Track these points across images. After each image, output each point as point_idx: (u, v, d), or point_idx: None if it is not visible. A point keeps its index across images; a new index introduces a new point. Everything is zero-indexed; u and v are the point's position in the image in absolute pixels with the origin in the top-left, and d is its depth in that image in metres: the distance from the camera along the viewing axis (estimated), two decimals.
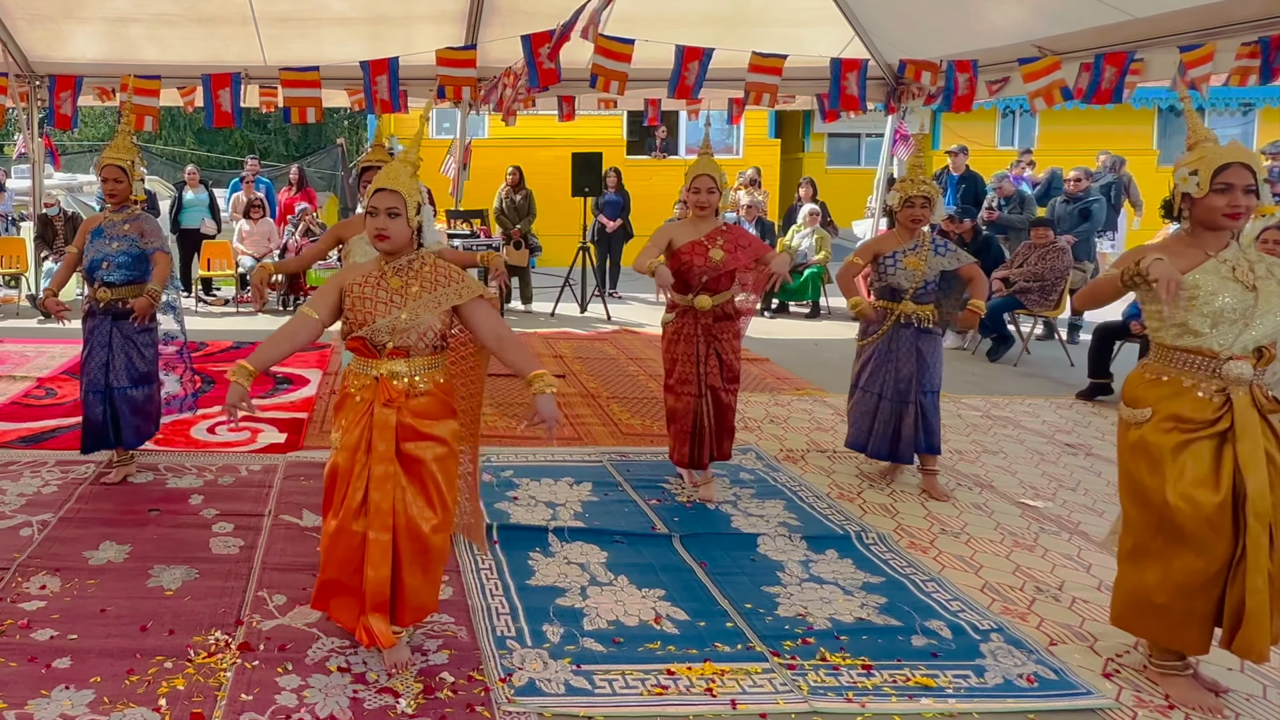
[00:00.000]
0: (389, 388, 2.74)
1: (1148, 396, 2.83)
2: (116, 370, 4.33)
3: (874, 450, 4.61)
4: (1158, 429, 2.77)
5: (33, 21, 9.16)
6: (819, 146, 17.68)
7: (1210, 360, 2.73)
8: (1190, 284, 2.71)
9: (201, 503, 4.26)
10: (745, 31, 9.12)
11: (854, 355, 4.77)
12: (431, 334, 2.76)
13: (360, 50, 9.14)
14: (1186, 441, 2.72)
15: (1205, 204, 2.73)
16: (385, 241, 2.74)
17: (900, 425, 4.50)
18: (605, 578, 3.57)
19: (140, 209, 4.43)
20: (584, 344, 8.28)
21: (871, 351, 4.60)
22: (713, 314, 4.34)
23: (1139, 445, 2.81)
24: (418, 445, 2.77)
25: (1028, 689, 2.86)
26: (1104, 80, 7.36)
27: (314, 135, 21.92)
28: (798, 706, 2.76)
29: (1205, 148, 2.77)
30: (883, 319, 4.55)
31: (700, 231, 4.32)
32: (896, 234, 4.55)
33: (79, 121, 9.99)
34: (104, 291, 4.31)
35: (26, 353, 7.46)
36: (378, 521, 2.73)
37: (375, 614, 2.76)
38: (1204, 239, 2.78)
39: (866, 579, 3.61)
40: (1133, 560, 2.86)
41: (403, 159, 2.86)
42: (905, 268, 4.44)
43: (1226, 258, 2.73)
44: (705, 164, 4.32)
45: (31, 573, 3.49)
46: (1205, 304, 2.70)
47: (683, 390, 4.39)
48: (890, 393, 4.50)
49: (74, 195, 13.37)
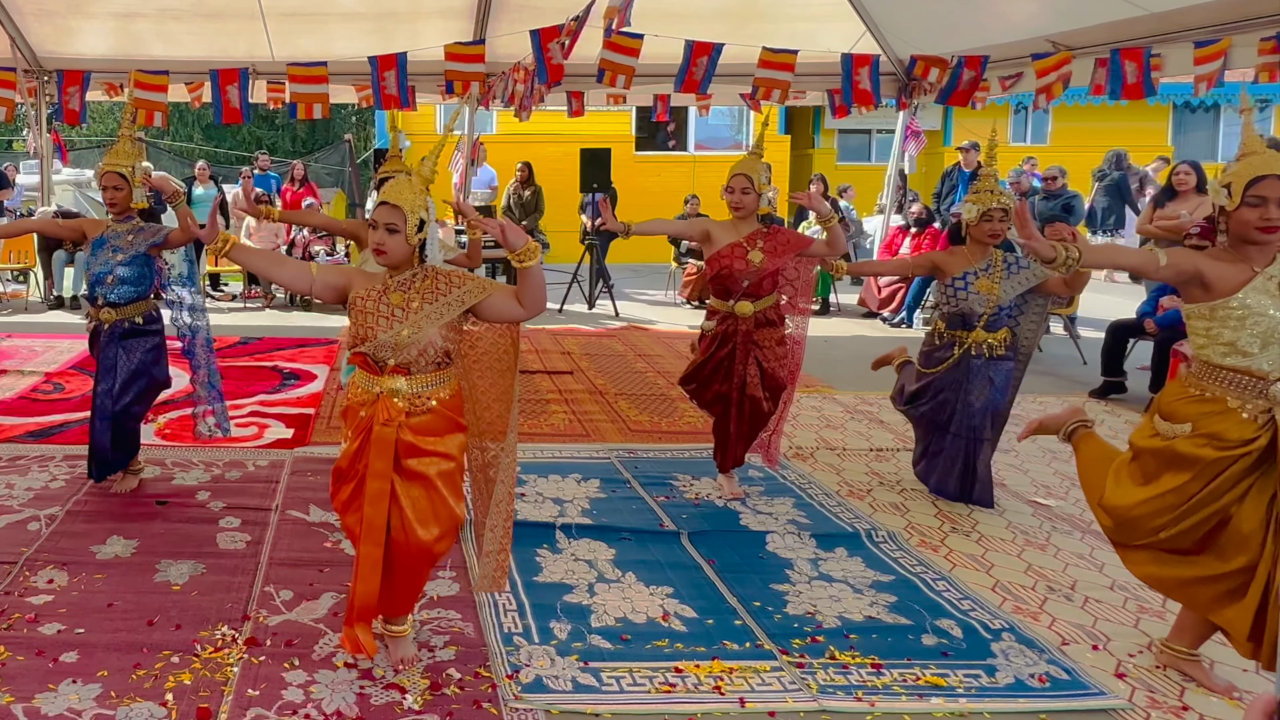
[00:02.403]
0: (389, 407, 2.69)
1: (1188, 412, 2.75)
2: (117, 395, 4.11)
3: (938, 488, 4.27)
4: (1192, 442, 2.71)
5: (41, 17, 9.18)
6: (829, 143, 17.60)
7: (1259, 381, 2.64)
8: (1240, 304, 2.63)
9: (208, 498, 4.25)
10: (755, 27, 9.07)
11: (904, 371, 4.48)
12: (433, 350, 2.72)
13: (368, 45, 9.13)
14: (1221, 460, 2.65)
15: (1237, 217, 2.65)
16: (383, 257, 2.72)
17: (975, 463, 4.13)
18: (613, 575, 3.55)
19: (141, 220, 4.17)
20: (592, 340, 8.25)
21: (939, 382, 4.19)
22: (754, 320, 4.17)
23: (1164, 451, 2.76)
24: (420, 462, 2.74)
25: (1039, 689, 2.83)
26: (1128, 75, 7.27)
27: (322, 131, 21.94)
28: (806, 705, 2.73)
29: (1249, 160, 2.67)
30: (949, 345, 4.17)
31: (740, 233, 4.14)
32: (966, 251, 4.11)
33: (87, 117, 9.98)
34: (108, 312, 4.09)
35: (35, 347, 7.48)
36: (370, 536, 2.71)
37: (361, 624, 2.76)
38: (1248, 253, 2.68)
39: (876, 577, 3.58)
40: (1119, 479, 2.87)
41: (416, 173, 2.80)
42: (978, 292, 4.03)
43: (1274, 274, 2.63)
44: (744, 163, 4.12)
45: (39, 567, 3.49)
46: (1256, 324, 2.61)
47: (711, 386, 4.24)
48: (961, 428, 4.13)
49: (81, 191, 13.40)
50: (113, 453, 4.16)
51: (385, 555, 2.74)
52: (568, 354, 7.57)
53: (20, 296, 10.09)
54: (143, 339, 4.17)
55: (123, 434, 4.18)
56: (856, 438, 5.43)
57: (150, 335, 4.21)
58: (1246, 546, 2.65)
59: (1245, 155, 2.70)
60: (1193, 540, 2.75)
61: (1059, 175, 9.44)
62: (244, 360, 7.05)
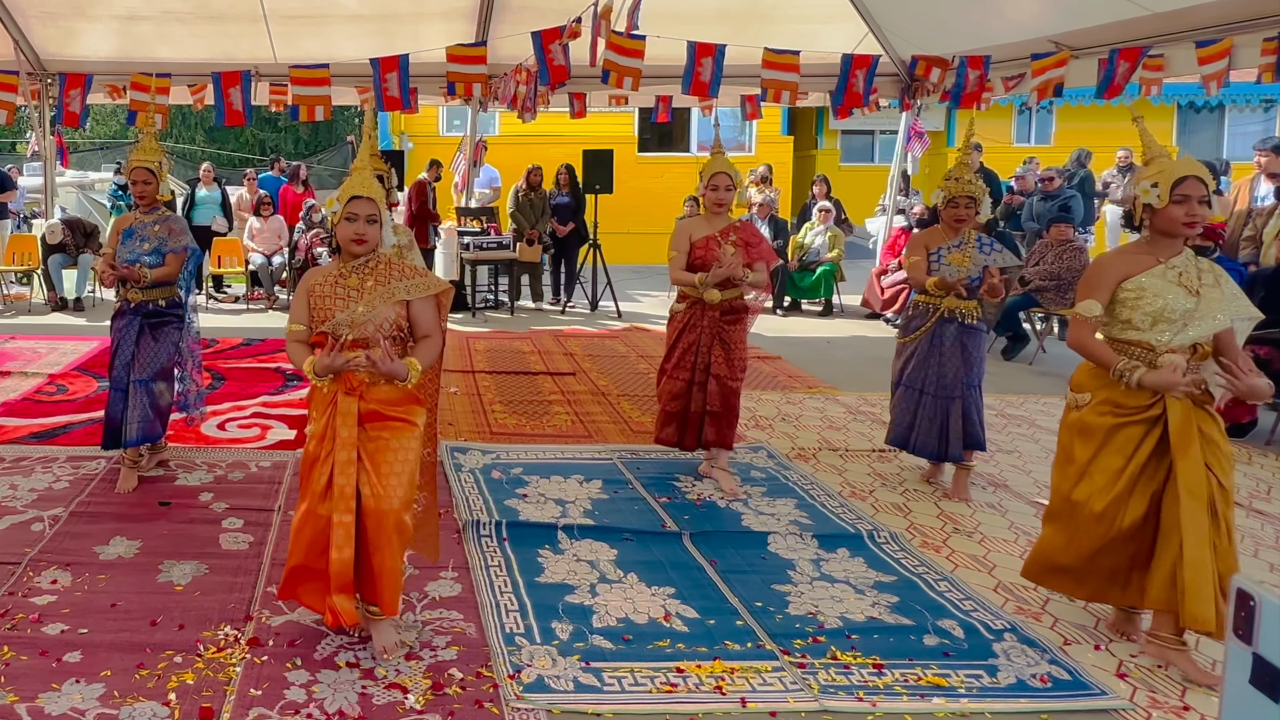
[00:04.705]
0: (351, 376, 2.86)
1: (1090, 383, 3.11)
2: (140, 364, 4.35)
3: (917, 448, 4.52)
4: (1095, 410, 3.06)
5: (44, 19, 9.21)
6: (832, 143, 17.60)
7: (1147, 353, 2.98)
8: (1135, 286, 2.98)
9: (211, 498, 4.26)
10: (758, 28, 9.08)
11: (894, 353, 4.71)
12: (388, 325, 2.87)
13: (370, 47, 9.15)
14: (1120, 425, 2.99)
15: (1165, 214, 2.96)
16: (363, 245, 2.90)
17: (947, 421, 4.39)
18: (615, 575, 3.55)
19: (166, 210, 4.51)
20: (594, 341, 8.26)
21: (914, 348, 4.53)
22: (721, 308, 4.43)
23: (1075, 424, 3.12)
24: (384, 426, 2.86)
25: (1041, 689, 2.83)
26: (1117, 75, 7.28)
27: (324, 133, 21.97)
28: (808, 705, 2.73)
29: (1161, 162, 3.00)
30: (925, 313, 4.49)
31: (714, 227, 4.44)
32: (941, 230, 4.50)
33: (88, 120, 10.01)
34: (135, 293, 4.39)
35: (38, 349, 7.50)
36: (341, 504, 2.82)
37: (340, 594, 2.83)
38: (1159, 246, 3.02)
39: (878, 578, 3.58)
40: (1049, 521, 3.20)
41: (362, 166, 3.01)
42: (950, 264, 4.38)
43: (1175, 264, 2.99)
44: (723, 162, 4.43)
45: (42, 567, 3.50)
46: (1148, 304, 2.96)
47: (677, 375, 4.50)
48: (934, 388, 4.42)
49: (84, 193, 13.43)
50: (127, 423, 4.31)
51: (359, 524, 2.84)
52: (570, 355, 7.58)
53: (24, 299, 10.11)
54: (165, 321, 4.43)
55: (138, 405, 4.31)
56: (859, 438, 5.43)
57: (172, 319, 4.47)
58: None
59: (1154, 158, 3.03)
60: (1137, 520, 2.96)
61: (1056, 176, 9.58)
62: (247, 362, 7.06)
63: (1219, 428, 2.96)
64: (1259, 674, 1.33)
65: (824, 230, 10.04)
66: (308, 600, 2.99)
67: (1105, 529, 2.98)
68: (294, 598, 3.02)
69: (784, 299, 9.99)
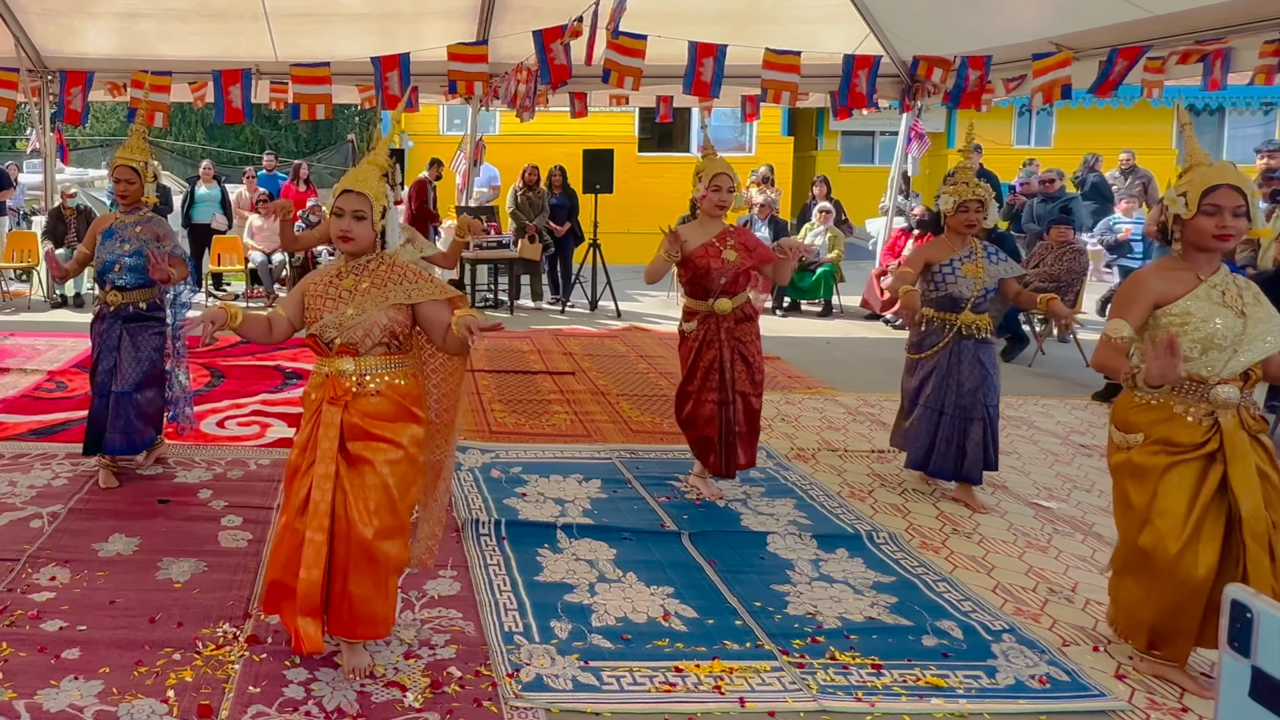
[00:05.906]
0: (336, 384, 2.71)
1: (1139, 421, 2.84)
2: (122, 374, 4.25)
3: (936, 469, 4.36)
4: (1146, 451, 2.80)
5: (45, 16, 9.19)
6: (832, 144, 17.60)
7: (1199, 385, 2.74)
8: (1181, 311, 2.73)
9: (210, 496, 4.26)
10: (759, 28, 9.07)
11: (904, 368, 4.55)
12: (379, 331, 2.70)
13: (371, 46, 9.14)
14: (1174, 464, 2.75)
15: (1194, 225, 2.73)
16: (349, 243, 2.75)
17: (965, 442, 4.24)
18: (614, 574, 3.55)
19: (151, 211, 4.36)
20: (594, 341, 8.26)
21: (932, 366, 4.33)
22: (734, 316, 4.25)
23: (1125, 466, 2.86)
24: (366, 445, 2.69)
25: (1040, 690, 2.83)
26: (1113, 73, 7.28)
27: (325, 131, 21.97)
28: (806, 705, 2.73)
29: (1196, 170, 2.75)
30: (940, 329, 4.32)
31: (710, 233, 4.24)
32: (946, 241, 4.31)
33: (89, 117, 9.99)
34: (114, 295, 4.28)
35: (37, 346, 7.50)
36: (314, 521, 2.66)
37: (306, 617, 2.66)
38: (1196, 261, 2.78)
39: (877, 578, 3.58)
40: (1123, 574, 2.92)
41: (371, 161, 2.85)
42: (965, 276, 4.21)
43: (1217, 282, 2.75)
44: (722, 163, 4.24)
45: (41, 564, 3.50)
46: (1195, 330, 2.71)
47: (705, 397, 4.25)
48: (953, 408, 4.25)
49: (84, 190, 13.42)
50: (109, 432, 4.24)
51: (330, 547, 2.67)
52: (570, 354, 7.58)
53: (23, 295, 10.11)
54: (145, 324, 4.34)
55: (121, 415, 4.25)
56: (858, 439, 5.43)
57: (153, 322, 4.37)
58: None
59: (1194, 166, 2.77)
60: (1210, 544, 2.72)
61: (1057, 178, 9.55)
62: (246, 360, 7.06)
63: (1271, 460, 2.74)
64: (1259, 687, 1.27)
65: (824, 231, 10.04)
66: (285, 618, 2.80)
67: (1182, 578, 2.71)
68: (276, 612, 2.86)
69: (783, 300, 9.99)
